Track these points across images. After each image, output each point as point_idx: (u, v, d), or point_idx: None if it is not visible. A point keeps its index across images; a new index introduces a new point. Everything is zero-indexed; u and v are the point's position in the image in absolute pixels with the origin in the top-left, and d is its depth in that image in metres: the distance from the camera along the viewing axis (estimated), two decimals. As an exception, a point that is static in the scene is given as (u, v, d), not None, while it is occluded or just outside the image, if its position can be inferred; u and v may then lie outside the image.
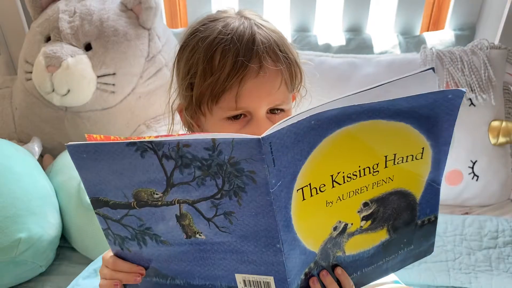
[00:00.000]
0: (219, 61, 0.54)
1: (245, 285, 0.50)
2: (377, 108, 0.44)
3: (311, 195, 0.45)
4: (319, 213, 0.47)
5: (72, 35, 1.11)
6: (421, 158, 0.50)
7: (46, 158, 1.19)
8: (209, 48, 0.55)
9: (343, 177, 0.46)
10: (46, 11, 1.18)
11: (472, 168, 1.16)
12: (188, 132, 0.68)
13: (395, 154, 0.48)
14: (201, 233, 0.47)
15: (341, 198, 0.48)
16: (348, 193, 0.48)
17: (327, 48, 1.36)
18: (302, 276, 0.49)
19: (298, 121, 0.41)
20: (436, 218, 0.55)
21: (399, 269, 0.58)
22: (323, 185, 0.46)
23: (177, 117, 0.65)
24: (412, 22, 1.42)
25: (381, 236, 0.53)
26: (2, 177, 0.92)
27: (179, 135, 0.42)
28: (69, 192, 1.01)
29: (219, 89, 0.54)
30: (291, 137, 0.41)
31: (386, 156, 0.48)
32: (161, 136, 0.42)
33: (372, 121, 0.44)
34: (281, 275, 0.47)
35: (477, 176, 1.16)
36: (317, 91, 0.70)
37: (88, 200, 1.01)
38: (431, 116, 0.47)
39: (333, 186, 0.46)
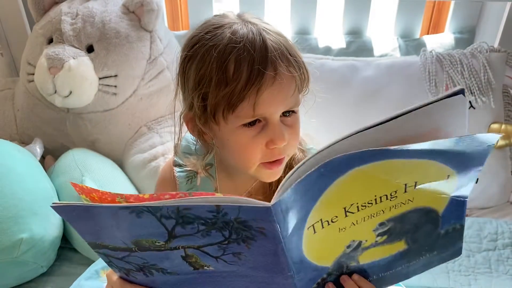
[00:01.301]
0: (234, 71, 0.53)
1: None
2: (392, 151, 0.40)
3: (323, 227, 0.44)
4: (331, 239, 0.46)
5: (74, 37, 1.12)
6: (446, 181, 0.46)
7: (48, 159, 1.19)
8: (222, 58, 0.54)
9: (357, 206, 0.44)
10: (49, 13, 1.19)
11: (472, 170, 1.16)
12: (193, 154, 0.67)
13: (416, 182, 0.45)
14: (209, 266, 0.45)
15: (355, 223, 0.46)
16: (363, 218, 0.46)
17: (327, 51, 1.37)
18: (315, 285, 0.49)
19: (307, 174, 0.38)
20: (462, 226, 0.52)
21: (422, 272, 0.56)
22: (335, 217, 0.44)
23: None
24: (412, 25, 1.42)
25: (398, 247, 0.51)
26: (4, 178, 0.92)
27: (180, 196, 0.39)
28: (71, 193, 1.01)
29: (237, 99, 0.54)
30: (300, 190, 0.39)
31: (406, 184, 0.44)
32: (158, 196, 0.40)
33: (387, 161, 0.41)
34: None
35: (477, 178, 1.16)
36: (317, 93, 0.71)
37: (89, 200, 1.01)
38: (460, 154, 0.43)
39: (346, 216, 0.44)
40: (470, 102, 1.15)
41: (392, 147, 0.40)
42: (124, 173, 1.15)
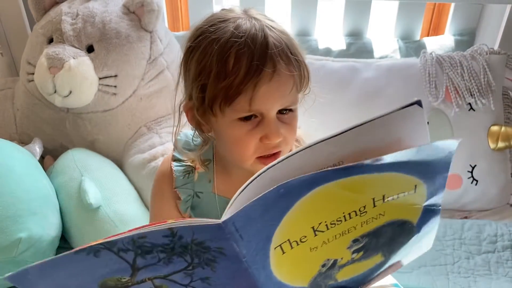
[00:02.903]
0: (234, 65, 0.54)
1: None
2: (355, 167, 0.38)
3: (292, 247, 0.42)
4: (303, 259, 0.44)
5: (75, 37, 1.12)
6: (414, 192, 0.45)
7: (47, 159, 1.19)
8: (223, 51, 0.54)
9: (326, 225, 0.42)
10: (49, 13, 1.19)
11: (471, 172, 1.16)
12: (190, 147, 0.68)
13: (383, 195, 0.43)
14: None
15: (327, 242, 0.44)
16: (334, 236, 0.44)
17: (327, 52, 1.37)
18: None
19: (263, 194, 0.37)
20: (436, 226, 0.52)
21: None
22: (304, 237, 0.42)
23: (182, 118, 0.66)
24: (412, 27, 1.43)
25: (375, 260, 0.51)
26: (3, 177, 0.92)
27: (130, 231, 0.39)
28: (70, 193, 1.01)
29: (233, 93, 0.54)
30: (257, 210, 0.38)
31: (373, 198, 0.43)
32: (111, 236, 0.39)
33: (352, 178, 0.39)
34: None
35: (476, 181, 1.16)
36: (317, 94, 0.71)
37: (89, 200, 1.01)
38: (422, 163, 0.42)
39: (315, 235, 0.43)
40: (470, 104, 1.15)
41: (351, 164, 0.38)
42: (123, 173, 1.15)
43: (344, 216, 0.43)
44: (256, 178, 0.38)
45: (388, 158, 0.39)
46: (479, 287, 0.94)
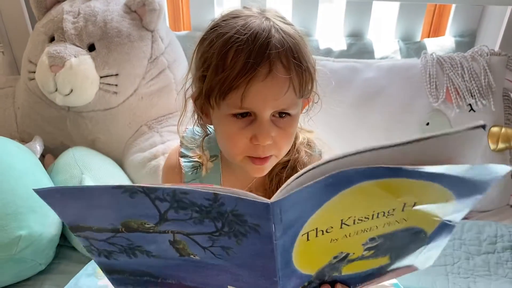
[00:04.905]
0: (231, 60, 0.55)
1: None
2: (406, 171, 0.39)
3: (316, 236, 0.43)
4: (321, 249, 0.45)
5: (76, 35, 1.12)
6: (444, 204, 0.46)
7: (48, 158, 1.20)
8: (224, 45, 0.56)
9: (354, 220, 0.43)
10: (51, 11, 1.19)
11: (472, 173, 1.16)
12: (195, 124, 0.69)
13: (415, 202, 0.44)
14: (196, 255, 0.45)
15: (348, 236, 0.45)
16: (356, 232, 0.45)
17: (328, 53, 1.37)
18: None
19: (314, 182, 0.37)
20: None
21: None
22: (330, 227, 0.43)
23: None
24: (413, 29, 1.43)
25: (381, 262, 0.51)
26: (3, 174, 0.92)
27: (175, 184, 0.39)
28: (70, 191, 1.01)
29: (227, 87, 0.55)
30: (303, 196, 0.38)
31: (405, 203, 0.44)
32: (155, 184, 0.39)
33: (397, 179, 0.40)
34: None
35: (477, 182, 1.16)
36: (321, 98, 0.71)
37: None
38: (466, 180, 0.42)
39: (341, 228, 0.44)
40: (470, 105, 1.15)
41: (408, 167, 0.38)
42: (124, 172, 1.15)
43: (373, 214, 0.43)
44: (314, 168, 0.38)
45: (441, 169, 0.39)
46: (478, 287, 0.94)
